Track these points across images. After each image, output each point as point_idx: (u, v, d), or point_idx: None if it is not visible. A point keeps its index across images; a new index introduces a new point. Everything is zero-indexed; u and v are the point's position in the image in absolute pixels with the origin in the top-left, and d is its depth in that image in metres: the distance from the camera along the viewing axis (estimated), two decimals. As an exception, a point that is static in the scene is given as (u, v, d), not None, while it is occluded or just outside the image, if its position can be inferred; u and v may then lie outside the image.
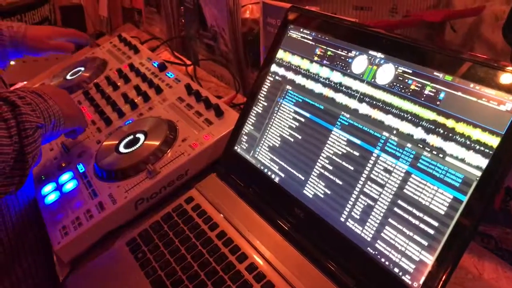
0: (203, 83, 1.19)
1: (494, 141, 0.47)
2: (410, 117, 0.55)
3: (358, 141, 0.61)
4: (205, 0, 1.18)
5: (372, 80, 0.61)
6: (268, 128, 0.75)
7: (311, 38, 0.72)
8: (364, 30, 0.65)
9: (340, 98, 0.65)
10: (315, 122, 0.67)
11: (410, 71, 0.57)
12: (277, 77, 0.77)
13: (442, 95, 0.53)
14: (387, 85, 0.59)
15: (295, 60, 0.74)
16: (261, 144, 0.76)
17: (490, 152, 0.47)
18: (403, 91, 0.57)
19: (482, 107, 0.49)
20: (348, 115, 0.63)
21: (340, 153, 0.62)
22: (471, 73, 0.50)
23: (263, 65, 0.81)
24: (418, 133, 0.54)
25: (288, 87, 0.74)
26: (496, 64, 0.48)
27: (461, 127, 0.50)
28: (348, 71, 0.65)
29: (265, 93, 0.78)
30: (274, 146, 0.73)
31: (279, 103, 0.75)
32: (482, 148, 0.48)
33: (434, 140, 0.52)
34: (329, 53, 0.69)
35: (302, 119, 0.70)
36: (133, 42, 1.37)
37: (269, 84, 0.78)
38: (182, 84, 1.06)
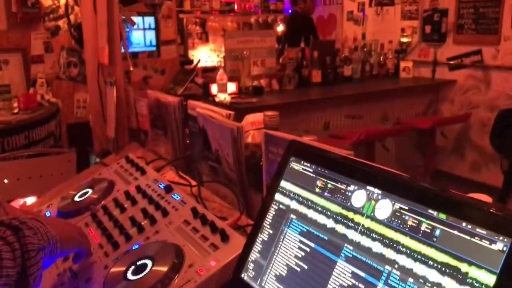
0: (207, 203, 1.24)
1: (490, 279, 0.50)
2: (409, 252, 0.59)
3: (362, 274, 0.63)
4: (210, 125, 1.27)
5: (372, 214, 0.66)
6: (275, 257, 0.78)
7: (311, 170, 0.78)
8: (360, 166, 0.71)
9: (343, 229, 0.69)
10: (320, 253, 0.70)
11: (407, 208, 0.61)
12: (281, 206, 0.81)
13: (437, 232, 0.57)
14: (386, 220, 0.63)
15: (298, 190, 0.79)
16: (268, 273, 0.78)
17: (488, 290, 0.50)
18: (401, 226, 0.61)
19: (476, 246, 0.53)
20: (351, 247, 0.66)
21: (346, 285, 0.65)
22: (463, 212, 0.55)
23: (267, 193, 0.86)
24: (418, 268, 0.57)
25: (293, 216, 0.78)
26: (486, 206, 0.53)
27: (457, 264, 0.53)
28: (349, 204, 0.70)
29: (270, 221, 0.82)
30: (281, 275, 0.76)
31: (284, 232, 0.79)
32: (479, 286, 0.51)
33: (433, 276, 0.55)
34: (329, 185, 0.74)
35: (308, 249, 0.73)
36: (140, 163, 1.43)
37: (273, 212, 0.82)
38: (188, 206, 1.10)
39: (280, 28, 5.52)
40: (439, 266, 0.55)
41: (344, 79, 4.29)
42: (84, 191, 1.38)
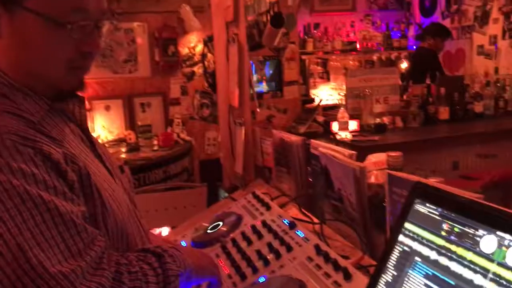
0: (329, 242, 1.26)
1: None
2: (547, 304, 0.56)
3: (493, 323, 0.61)
4: (332, 165, 1.31)
5: (503, 260, 0.64)
6: (398, 298, 0.78)
7: (437, 213, 0.78)
8: (490, 211, 0.69)
9: (470, 275, 0.67)
10: (447, 298, 0.69)
11: (542, 256, 0.59)
12: (405, 248, 0.82)
13: None
14: (519, 268, 0.61)
15: (423, 233, 0.79)
16: (391, 314, 0.78)
17: None
18: (536, 275, 0.58)
19: None
20: (480, 294, 0.65)
21: (474, 333, 0.63)
22: None
23: (390, 234, 0.86)
24: (558, 321, 0.54)
25: (417, 258, 0.78)
26: None
27: None
28: (477, 249, 0.68)
29: (394, 262, 0.83)
30: (405, 317, 0.75)
31: (408, 274, 0.78)
32: None
33: None
34: (456, 229, 0.73)
35: (433, 293, 0.72)
36: (265, 199, 1.52)
37: (397, 254, 0.83)
38: (311, 243, 1.15)
39: (404, 65, 5.41)
40: None
41: (474, 115, 4.03)
42: (215, 223, 1.50)
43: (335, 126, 3.48)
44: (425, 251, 0.77)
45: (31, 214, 0.72)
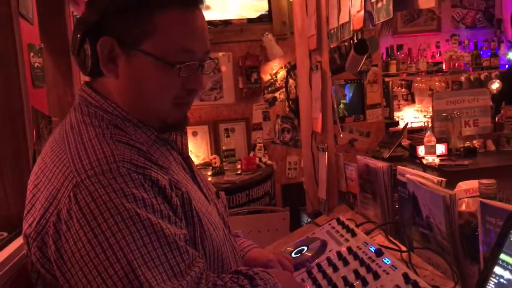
0: (418, 270, 1.24)
1: None
2: None
3: None
4: (420, 192, 1.29)
5: None
6: (495, 333, 0.76)
7: (536, 245, 0.75)
8: None
9: None
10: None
11: None
12: (501, 280, 0.79)
13: None
14: None
15: (520, 265, 0.76)
16: None
17: None
18: None
19: None
20: None
21: None
22: None
23: (485, 265, 0.84)
24: None
25: (515, 292, 0.75)
26: None
27: None
28: None
29: (489, 294, 0.80)
30: None
31: (506, 308, 0.76)
32: None
33: None
34: (558, 263, 0.70)
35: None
36: (351, 225, 1.52)
37: (493, 286, 0.80)
38: (399, 272, 1.13)
39: (495, 85, 5.12)
40: None
41: None
42: (300, 248, 1.52)
43: (421, 150, 3.37)
44: (523, 284, 0.74)
45: (140, 235, 0.80)
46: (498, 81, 5.06)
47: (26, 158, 1.31)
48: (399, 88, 5.44)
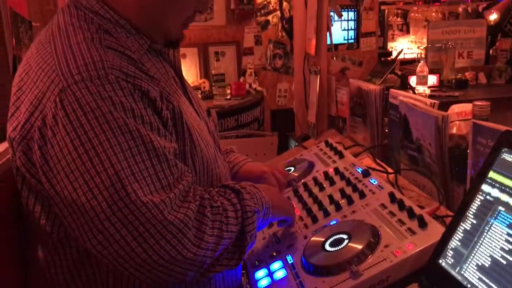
0: (404, 192, 1.25)
1: None
2: None
3: None
4: (412, 114, 1.27)
5: None
6: (477, 247, 0.77)
7: (528, 162, 0.74)
8: None
9: (562, 226, 0.64)
10: (532, 248, 0.67)
11: None
12: (488, 197, 0.79)
13: None
14: None
15: (509, 182, 0.76)
16: (468, 262, 0.77)
17: None
18: None
19: None
20: None
21: (561, 284, 0.61)
22: None
23: (473, 183, 0.84)
24: None
25: (501, 208, 0.75)
26: None
27: None
28: None
29: (474, 211, 0.80)
30: (484, 266, 0.74)
31: (490, 223, 0.76)
32: None
33: None
34: (548, 179, 0.69)
35: (516, 243, 0.70)
36: (339, 148, 1.51)
37: (479, 203, 0.80)
38: (385, 191, 1.13)
39: (493, 16, 5.00)
40: None
41: None
42: (287, 168, 1.51)
43: (413, 80, 3.34)
44: (510, 201, 0.74)
45: (128, 146, 0.77)
46: (496, 12, 4.93)
47: (6, 62, 1.24)
48: (395, 17, 5.29)
